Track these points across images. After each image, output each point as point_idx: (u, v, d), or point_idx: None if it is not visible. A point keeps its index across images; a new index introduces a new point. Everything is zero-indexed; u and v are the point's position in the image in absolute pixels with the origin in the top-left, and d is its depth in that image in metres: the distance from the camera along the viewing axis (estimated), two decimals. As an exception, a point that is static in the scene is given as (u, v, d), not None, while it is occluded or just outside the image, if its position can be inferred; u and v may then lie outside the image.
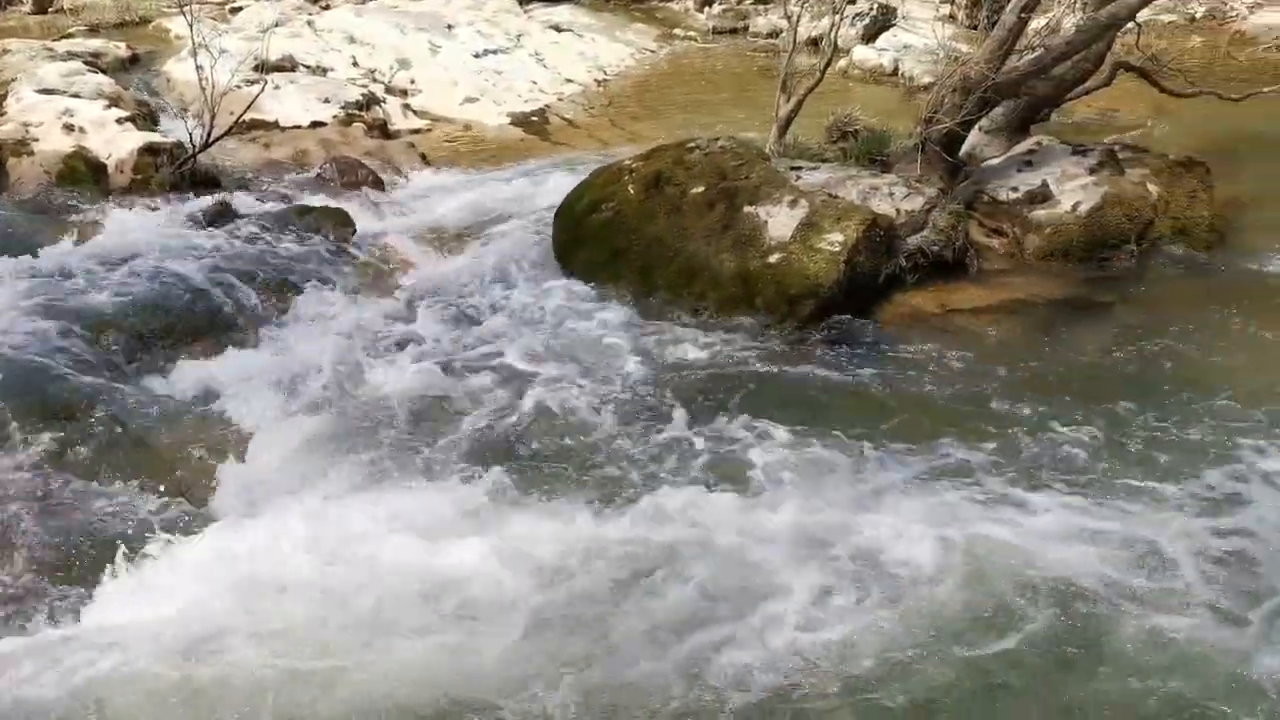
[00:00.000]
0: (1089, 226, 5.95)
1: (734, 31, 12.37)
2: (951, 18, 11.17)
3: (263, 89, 7.62)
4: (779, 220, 5.51)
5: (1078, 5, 6.54)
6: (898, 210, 5.82)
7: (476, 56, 10.47)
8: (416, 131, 8.79)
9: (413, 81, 9.75)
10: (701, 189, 5.77)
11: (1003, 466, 4.06)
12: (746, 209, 5.62)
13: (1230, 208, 6.40)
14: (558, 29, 11.64)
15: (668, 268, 5.58)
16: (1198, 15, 11.40)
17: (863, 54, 10.51)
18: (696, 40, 12.20)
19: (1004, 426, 4.33)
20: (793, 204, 5.57)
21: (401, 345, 5.10)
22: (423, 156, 8.13)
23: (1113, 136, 7.47)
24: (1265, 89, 7.28)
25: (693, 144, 6.16)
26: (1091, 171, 6.22)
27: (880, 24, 11.07)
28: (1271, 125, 7.86)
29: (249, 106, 7.43)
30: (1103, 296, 5.56)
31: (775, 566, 3.46)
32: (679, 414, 4.45)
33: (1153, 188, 6.18)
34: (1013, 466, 4.06)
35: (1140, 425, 4.31)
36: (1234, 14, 11.41)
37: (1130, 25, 6.62)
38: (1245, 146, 7.55)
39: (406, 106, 9.28)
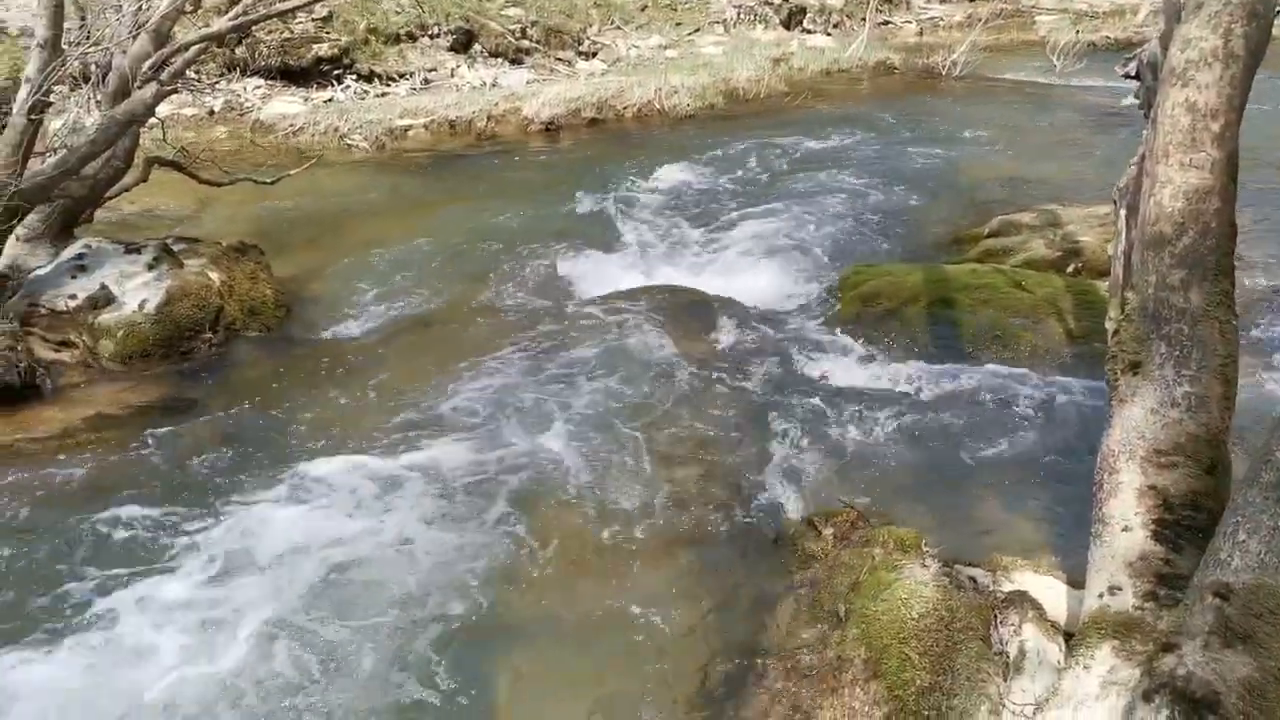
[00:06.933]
0: (161, 323, 5.85)
1: None
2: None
3: None
4: None
5: (92, 104, 6.35)
6: (-63, 341, 5.06)
7: None
8: None
9: None
10: None
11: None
12: None
13: (289, 282, 6.83)
14: None
15: None
16: (217, 108, 11.99)
17: None
18: None
19: (98, 552, 4.04)
20: None
21: None
22: None
23: (165, 230, 7.44)
24: (292, 171, 7.92)
25: None
26: (150, 267, 6.12)
27: None
28: (303, 201, 8.62)
29: None
30: (191, 389, 5.50)
31: None
32: None
33: (214, 275, 6.30)
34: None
35: (235, 503, 4.38)
36: (250, 105, 12.24)
37: (153, 121, 6.63)
38: (287, 224, 8.14)
39: None
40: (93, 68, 7.09)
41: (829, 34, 18.97)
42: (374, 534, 4.13)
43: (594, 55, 16.31)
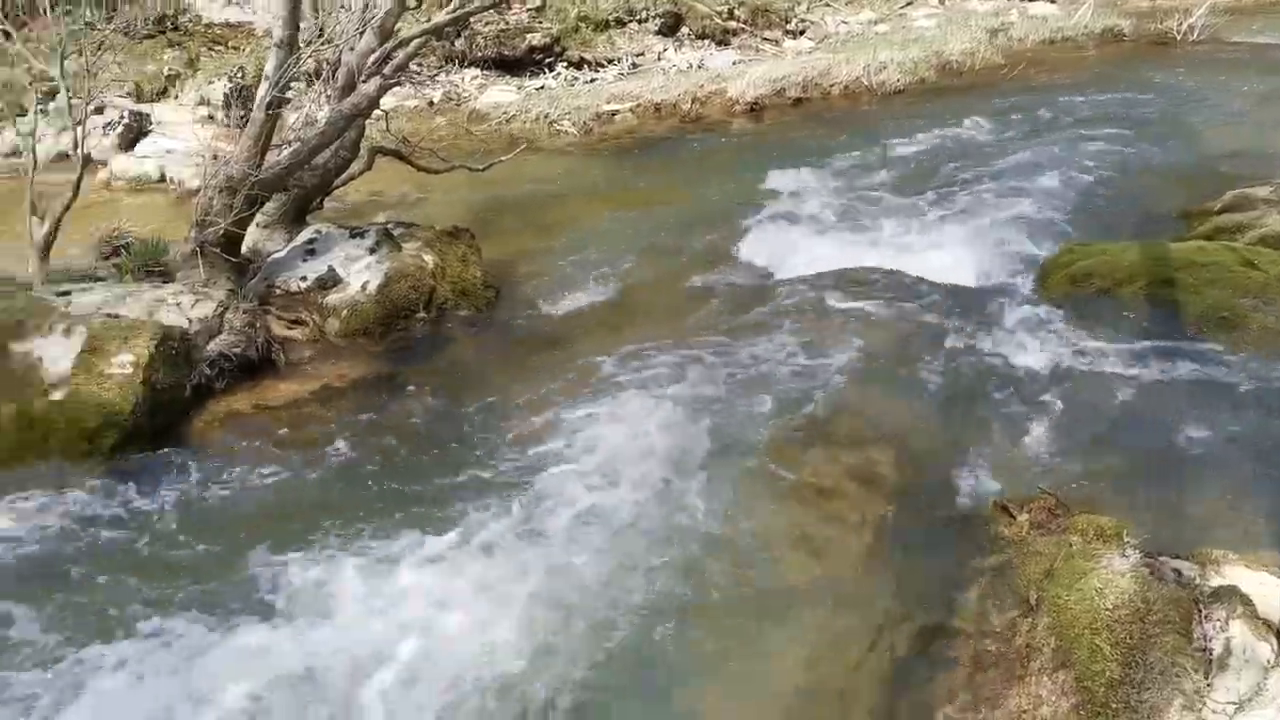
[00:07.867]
0: (381, 303, 6.25)
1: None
2: (211, 118, 11.04)
3: None
4: (54, 352, 4.99)
5: (323, 98, 6.83)
6: (190, 319, 5.59)
7: None
8: None
9: None
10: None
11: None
12: (14, 347, 5.01)
13: (497, 265, 7.14)
14: None
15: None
16: (436, 99, 12.59)
17: (123, 164, 9.91)
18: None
19: (336, 511, 4.41)
20: (67, 332, 5.07)
21: None
22: None
23: (385, 215, 7.91)
24: (503, 157, 8.23)
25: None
26: (372, 251, 6.54)
27: (136, 131, 10.54)
28: (513, 186, 8.95)
29: None
30: (406, 365, 5.85)
31: None
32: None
33: (429, 258, 6.66)
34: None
35: (447, 467, 4.73)
36: (467, 95, 12.80)
37: (378, 112, 7.06)
38: (497, 208, 8.50)
39: None
40: (324, 64, 7.61)
41: (1052, 1, 18.03)
42: (593, 494, 4.39)
43: (801, 33, 16.12)
